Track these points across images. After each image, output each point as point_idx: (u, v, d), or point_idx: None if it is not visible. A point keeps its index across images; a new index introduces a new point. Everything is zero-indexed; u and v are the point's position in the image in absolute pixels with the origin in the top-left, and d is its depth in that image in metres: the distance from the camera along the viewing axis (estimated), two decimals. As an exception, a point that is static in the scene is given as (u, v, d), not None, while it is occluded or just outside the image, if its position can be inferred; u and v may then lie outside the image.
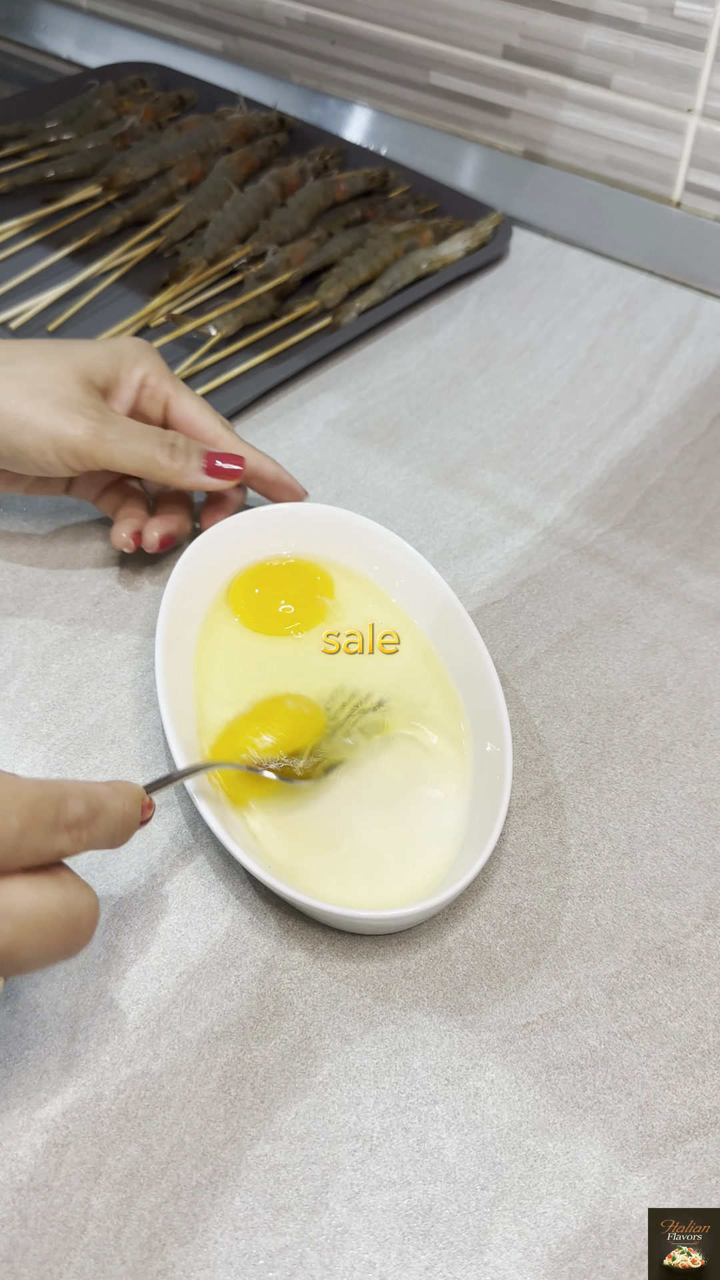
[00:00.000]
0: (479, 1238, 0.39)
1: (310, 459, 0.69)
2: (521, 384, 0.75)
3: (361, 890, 0.46)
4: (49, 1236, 0.39)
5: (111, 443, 0.53)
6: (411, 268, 0.80)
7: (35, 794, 0.35)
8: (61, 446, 0.53)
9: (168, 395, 0.58)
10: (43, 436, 0.52)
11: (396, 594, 0.56)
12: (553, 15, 0.85)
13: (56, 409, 0.53)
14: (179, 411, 0.58)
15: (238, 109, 0.97)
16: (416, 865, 0.47)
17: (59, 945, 0.35)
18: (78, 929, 0.36)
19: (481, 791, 0.49)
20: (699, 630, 0.59)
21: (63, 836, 0.36)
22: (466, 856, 0.46)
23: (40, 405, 0.52)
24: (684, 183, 0.85)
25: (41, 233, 0.84)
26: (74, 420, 0.52)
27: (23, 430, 0.52)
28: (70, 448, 0.53)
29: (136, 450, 0.54)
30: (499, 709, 0.49)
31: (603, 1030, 0.44)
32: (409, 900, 0.45)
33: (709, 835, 0.51)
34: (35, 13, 1.16)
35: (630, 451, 0.70)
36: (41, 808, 0.35)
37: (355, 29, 0.96)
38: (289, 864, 0.47)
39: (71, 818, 0.36)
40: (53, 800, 0.35)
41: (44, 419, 0.52)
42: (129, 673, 0.56)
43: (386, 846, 0.48)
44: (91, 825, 0.37)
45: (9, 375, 0.53)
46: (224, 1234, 0.39)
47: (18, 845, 0.34)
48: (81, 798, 0.36)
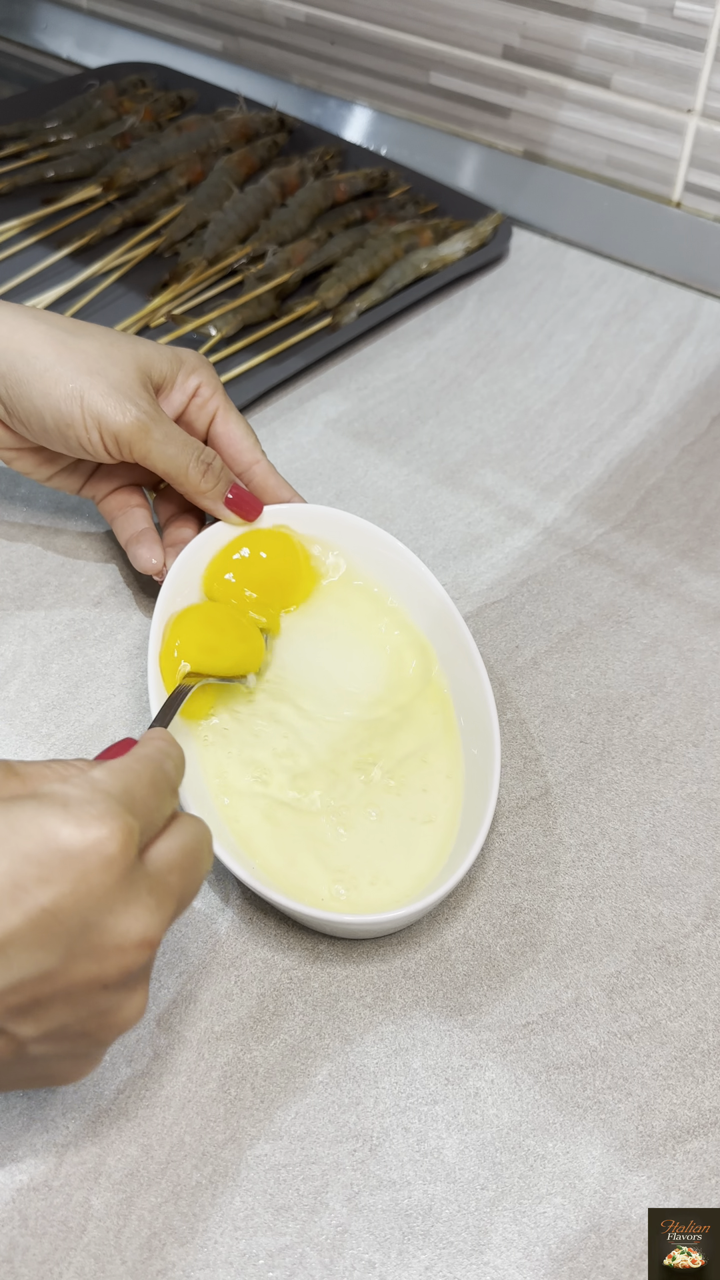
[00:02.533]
0: (479, 1238, 0.39)
1: (310, 459, 0.69)
2: (521, 384, 0.75)
3: (353, 893, 0.47)
4: (49, 1236, 0.39)
5: (154, 441, 0.54)
6: (411, 268, 0.80)
7: (147, 770, 0.37)
8: (106, 430, 0.53)
9: (216, 409, 0.58)
10: (91, 414, 0.53)
11: (394, 596, 0.56)
12: (553, 15, 0.85)
13: (111, 392, 0.53)
14: (223, 428, 0.58)
15: (238, 109, 0.97)
16: (407, 868, 0.47)
17: (203, 870, 0.38)
18: (208, 849, 0.39)
19: (472, 796, 0.49)
20: (699, 630, 0.59)
21: (172, 799, 0.38)
22: (454, 861, 0.46)
23: (96, 383, 0.53)
24: (684, 183, 0.85)
25: (41, 233, 0.84)
26: (125, 408, 0.53)
27: (74, 403, 0.53)
28: (114, 433, 0.53)
29: (174, 456, 0.54)
30: (490, 717, 0.49)
31: (603, 1030, 0.44)
32: (399, 903, 0.45)
33: (709, 835, 0.51)
34: (35, 13, 1.16)
35: (630, 451, 0.70)
36: (156, 779, 0.37)
37: (355, 29, 0.96)
38: (283, 867, 0.47)
39: (174, 779, 0.39)
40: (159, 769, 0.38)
41: (97, 397, 0.53)
42: (129, 673, 0.56)
43: (378, 848, 0.48)
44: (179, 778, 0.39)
45: (72, 349, 0.53)
46: (224, 1234, 0.39)
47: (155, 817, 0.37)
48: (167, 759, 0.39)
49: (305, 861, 0.47)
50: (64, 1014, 0.34)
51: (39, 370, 0.53)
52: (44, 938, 0.33)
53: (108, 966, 0.34)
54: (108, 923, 0.34)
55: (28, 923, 0.32)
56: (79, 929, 0.33)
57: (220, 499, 0.55)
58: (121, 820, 0.34)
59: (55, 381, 0.53)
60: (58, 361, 0.53)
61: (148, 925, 0.34)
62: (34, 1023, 0.34)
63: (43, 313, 0.55)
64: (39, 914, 0.32)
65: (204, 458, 0.55)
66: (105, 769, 0.36)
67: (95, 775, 0.36)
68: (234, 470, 0.59)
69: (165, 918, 0.35)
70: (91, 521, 0.64)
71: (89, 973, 0.34)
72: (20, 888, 0.32)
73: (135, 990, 0.36)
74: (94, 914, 0.33)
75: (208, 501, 0.56)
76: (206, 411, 0.58)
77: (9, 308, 0.55)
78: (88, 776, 0.36)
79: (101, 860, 0.33)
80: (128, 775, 0.36)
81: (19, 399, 0.53)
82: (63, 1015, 0.34)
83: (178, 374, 0.57)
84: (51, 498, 0.65)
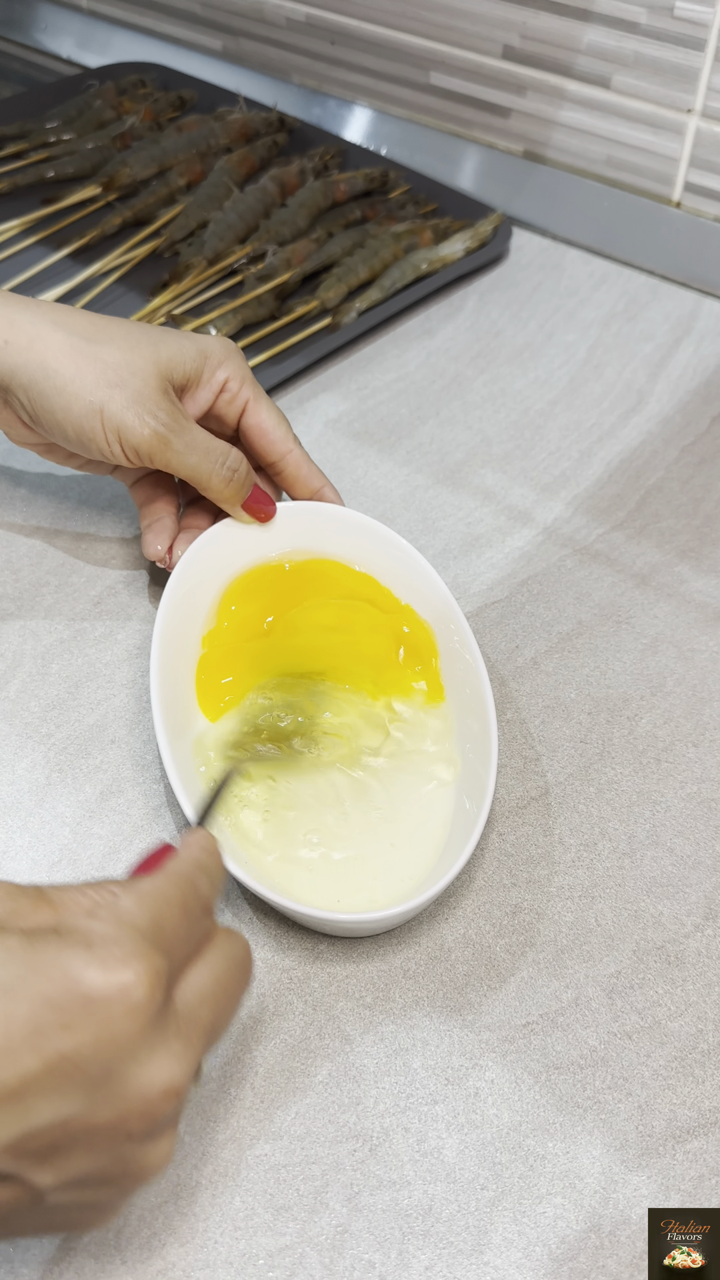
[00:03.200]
0: (479, 1238, 0.39)
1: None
2: (521, 384, 0.75)
3: (350, 892, 0.47)
4: (49, 1236, 0.39)
5: (175, 452, 0.53)
6: (411, 268, 0.80)
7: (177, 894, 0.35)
8: (127, 442, 0.53)
9: (246, 401, 0.57)
10: (111, 428, 0.52)
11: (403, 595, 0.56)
12: (553, 15, 0.85)
13: (130, 404, 0.52)
14: (254, 419, 0.58)
15: (238, 109, 0.97)
16: (404, 866, 0.47)
17: (240, 992, 0.37)
18: (246, 970, 0.37)
19: (468, 796, 0.49)
20: (699, 630, 0.59)
21: (207, 919, 0.36)
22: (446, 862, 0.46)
23: (115, 396, 0.52)
24: (684, 183, 0.85)
25: (41, 233, 0.84)
26: (144, 420, 0.52)
27: (94, 417, 0.52)
28: (134, 445, 0.53)
29: (197, 465, 0.54)
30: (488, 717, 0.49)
31: (603, 1030, 0.44)
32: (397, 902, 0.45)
33: (709, 835, 0.51)
34: (35, 13, 1.16)
35: (630, 451, 0.70)
36: (188, 904, 0.35)
37: (355, 29, 0.96)
38: (278, 868, 0.47)
39: (207, 899, 0.36)
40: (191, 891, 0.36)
41: (116, 410, 0.52)
42: (129, 673, 0.56)
43: (375, 848, 0.48)
44: (215, 894, 0.37)
45: (91, 358, 0.53)
46: (224, 1234, 0.39)
47: (187, 946, 0.35)
48: (202, 876, 0.37)
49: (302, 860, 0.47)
50: (84, 1163, 0.32)
51: (58, 385, 0.52)
52: (64, 1085, 0.31)
53: (131, 1117, 0.32)
54: (131, 1072, 0.32)
55: (46, 1069, 0.31)
56: (101, 1078, 0.31)
57: (239, 503, 0.55)
58: (148, 962, 0.32)
59: (74, 396, 0.52)
60: (76, 376, 0.52)
61: (173, 1074, 0.32)
62: (53, 1171, 0.32)
63: (61, 315, 0.54)
64: (59, 1061, 0.31)
65: (230, 464, 0.54)
66: (135, 895, 0.34)
67: (124, 906, 0.34)
68: (267, 460, 0.58)
69: (194, 1059, 0.33)
70: (91, 522, 0.64)
71: (111, 1122, 0.32)
72: (40, 1033, 0.31)
73: (160, 1139, 0.34)
74: (117, 1063, 0.32)
75: (227, 507, 0.56)
76: (236, 405, 0.57)
77: (28, 309, 0.54)
78: (116, 908, 0.34)
79: (126, 1008, 0.31)
80: (158, 903, 0.34)
81: (41, 411, 0.53)
82: (83, 1164, 0.32)
83: (203, 370, 0.56)
84: (51, 498, 0.65)
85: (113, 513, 0.64)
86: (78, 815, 0.50)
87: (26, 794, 0.51)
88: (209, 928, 0.36)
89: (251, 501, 0.56)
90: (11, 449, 0.67)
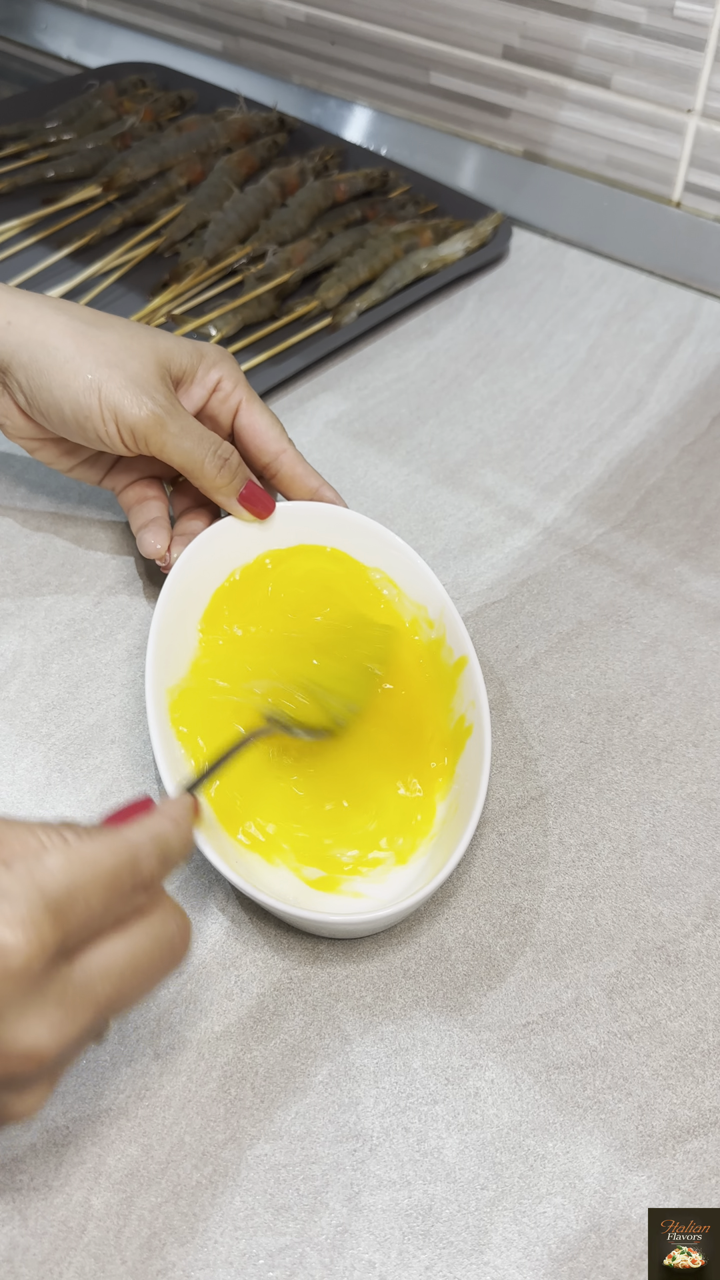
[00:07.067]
0: (479, 1237, 0.39)
1: (310, 459, 0.68)
2: (521, 384, 0.75)
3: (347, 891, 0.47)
4: (49, 1236, 0.39)
5: (170, 434, 0.53)
6: (411, 268, 0.80)
7: (110, 866, 0.35)
8: (123, 422, 0.53)
9: (239, 402, 0.58)
10: (109, 406, 0.53)
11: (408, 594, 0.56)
12: (553, 15, 0.85)
13: (128, 384, 0.53)
14: (247, 419, 0.58)
15: (238, 109, 0.97)
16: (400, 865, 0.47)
17: (159, 974, 0.36)
18: (173, 952, 0.37)
19: (462, 796, 0.49)
20: (699, 630, 0.59)
21: (141, 894, 0.36)
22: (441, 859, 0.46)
23: (114, 375, 0.53)
24: (684, 183, 0.85)
25: (41, 233, 0.84)
26: (141, 400, 0.53)
27: (92, 395, 0.53)
28: (130, 425, 0.53)
29: (190, 450, 0.54)
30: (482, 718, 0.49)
31: (603, 1030, 0.44)
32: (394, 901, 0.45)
33: (709, 835, 0.51)
34: (35, 13, 1.16)
35: (630, 451, 0.70)
36: (118, 878, 0.35)
37: (355, 29, 0.96)
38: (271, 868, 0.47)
39: (147, 876, 0.36)
40: (128, 866, 0.35)
41: (114, 389, 0.53)
42: (129, 673, 0.56)
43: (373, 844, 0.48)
44: (164, 871, 0.37)
45: (91, 339, 0.53)
46: (224, 1234, 0.39)
47: (103, 919, 0.35)
48: (152, 851, 0.36)
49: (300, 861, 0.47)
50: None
51: (59, 361, 0.53)
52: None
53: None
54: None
55: None
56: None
57: (234, 495, 0.55)
58: (35, 930, 0.32)
59: (74, 373, 0.53)
60: (77, 353, 0.53)
61: (38, 1039, 0.33)
62: None
63: (64, 303, 0.55)
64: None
65: (221, 453, 0.55)
66: (66, 856, 0.34)
67: (48, 864, 0.34)
68: (261, 461, 0.58)
69: (71, 1030, 0.34)
70: (91, 522, 0.64)
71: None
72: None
73: (25, 1093, 0.34)
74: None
75: (221, 497, 0.55)
76: (229, 405, 0.58)
77: (32, 298, 0.55)
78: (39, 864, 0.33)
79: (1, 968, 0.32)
80: (85, 869, 0.34)
81: (39, 390, 0.54)
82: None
83: (198, 368, 0.57)
84: (51, 498, 0.65)
85: (113, 513, 0.64)
86: (77, 815, 0.50)
87: (26, 794, 0.51)
88: (142, 903, 0.36)
89: (250, 499, 0.56)
90: (11, 449, 0.67)
